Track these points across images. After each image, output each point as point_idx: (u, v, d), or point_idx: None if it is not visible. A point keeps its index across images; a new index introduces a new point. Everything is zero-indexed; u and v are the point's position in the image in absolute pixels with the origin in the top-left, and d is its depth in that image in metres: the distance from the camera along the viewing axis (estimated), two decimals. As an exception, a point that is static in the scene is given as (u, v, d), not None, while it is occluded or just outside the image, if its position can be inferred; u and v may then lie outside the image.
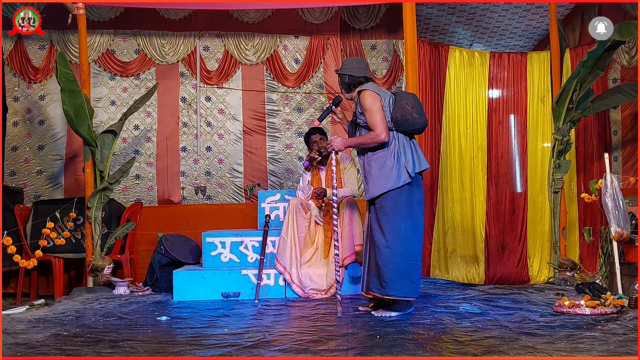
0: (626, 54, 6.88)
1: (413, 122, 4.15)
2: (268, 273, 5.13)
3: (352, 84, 4.28)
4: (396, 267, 4.09)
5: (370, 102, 4.14)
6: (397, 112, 4.16)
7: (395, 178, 4.11)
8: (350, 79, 4.28)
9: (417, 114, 4.17)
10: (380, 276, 4.12)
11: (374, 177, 4.18)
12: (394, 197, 4.12)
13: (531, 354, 2.99)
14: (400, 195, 4.12)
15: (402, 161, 4.13)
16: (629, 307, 4.03)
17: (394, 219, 4.12)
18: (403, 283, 4.10)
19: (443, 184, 6.51)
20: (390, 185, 4.11)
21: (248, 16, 6.98)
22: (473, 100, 6.62)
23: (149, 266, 5.73)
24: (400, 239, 4.12)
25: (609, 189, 4.51)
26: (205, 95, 7.00)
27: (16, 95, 6.83)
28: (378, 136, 4.11)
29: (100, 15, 6.82)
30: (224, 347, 3.27)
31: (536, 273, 6.30)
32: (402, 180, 4.10)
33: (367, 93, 4.18)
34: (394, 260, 4.09)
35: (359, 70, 4.28)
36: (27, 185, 6.71)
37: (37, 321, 4.13)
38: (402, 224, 4.12)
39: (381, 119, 4.10)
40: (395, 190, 4.11)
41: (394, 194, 4.12)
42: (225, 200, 6.90)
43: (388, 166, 4.13)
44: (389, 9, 7.05)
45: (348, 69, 4.30)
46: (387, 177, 4.12)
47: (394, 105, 4.20)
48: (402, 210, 4.13)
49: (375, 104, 4.14)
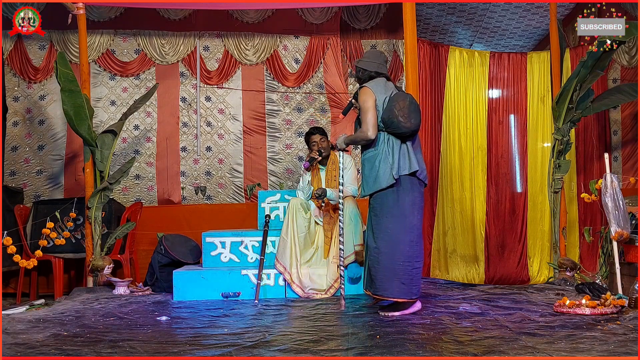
0: (626, 54, 6.88)
1: (399, 125, 4.12)
2: (268, 273, 5.13)
3: (363, 78, 4.32)
4: (383, 267, 4.12)
5: (362, 99, 4.19)
6: (386, 113, 4.18)
7: (381, 179, 4.16)
8: (362, 73, 4.32)
9: (404, 117, 4.10)
10: (370, 276, 4.20)
11: (366, 176, 4.25)
12: (381, 197, 4.18)
13: (531, 354, 2.99)
14: (387, 196, 4.16)
15: (389, 162, 4.15)
16: (629, 307, 4.03)
17: (381, 219, 4.17)
18: (391, 284, 4.11)
19: (443, 184, 6.51)
20: (378, 186, 4.17)
21: (248, 16, 6.98)
22: (473, 100, 6.62)
23: (149, 266, 5.73)
24: (386, 239, 4.13)
25: (609, 189, 4.51)
26: (205, 95, 7.00)
27: (16, 95, 6.83)
28: (364, 133, 4.17)
29: (100, 15, 6.82)
30: (224, 347, 3.27)
31: (536, 273, 6.30)
32: (385, 182, 4.14)
33: (363, 90, 4.23)
34: (380, 260, 4.14)
35: (373, 64, 4.31)
36: (27, 185, 6.71)
37: (37, 321, 4.13)
38: (390, 225, 4.14)
39: (371, 117, 4.14)
40: (382, 192, 4.17)
41: (381, 194, 4.18)
42: (225, 200, 6.90)
43: (376, 167, 4.19)
44: (389, 9, 7.05)
45: (364, 61, 4.35)
46: (375, 178, 4.18)
47: (386, 106, 4.19)
48: (390, 211, 4.15)
49: (368, 101, 4.17)
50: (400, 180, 4.15)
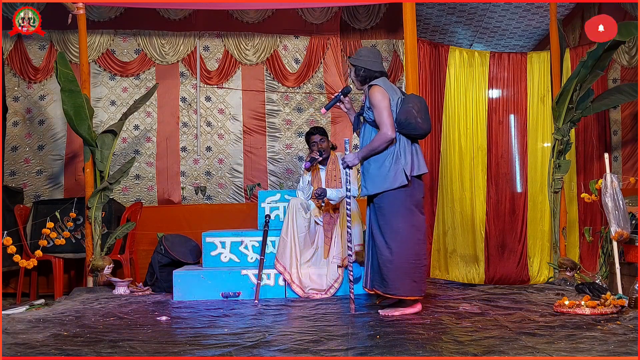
0: (626, 54, 6.88)
1: (417, 126, 4.15)
2: (268, 273, 5.13)
3: (368, 77, 4.27)
4: (395, 266, 4.12)
5: (379, 99, 4.13)
6: (403, 114, 4.15)
7: (392, 179, 4.13)
8: (366, 72, 4.27)
9: (422, 119, 4.17)
10: (381, 275, 4.17)
11: (373, 175, 4.21)
12: (390, 197, 4.15)
13: (531, 354, 2.99)
14: (397, 196, 4.15)
15: (402, 163, 4.14)
16: (629, 307, 4.03)
17: (392, 219, 4.15)
18: (404, 282, 4.12)
19: (443, 184, 6.51)
20: (387, 186, 4.14)
21: (248, 16, 6.99)
22: (473, 100, 6.61)
23: (149, 266, 5.73)
24: (398, 239, 4.14)
25: (609, 189, 4.51)
26: (205, 95, 7.00)
27: (16, 95, 6.83)
28: (385, 134, 4.11)
29: (100, 15, 6.82)
30: (224, 347, 3.27)
31: (536, 273, 6.29)
32: (398, 182, 4.12)
33: (377, 89, 4.17)
34: (393, 259, 4.12)
35: (376, 64, 4.28)
36: (27, 185, 6.71)
37: (37, 321, 4.13)
38: (400, 224, 4.15)
39: (388, 116, 4.10)
40: (392, 191, 4.14)
41: (390, 194, 4.15)
42: (225, 200, 6.90)
43: (386, 166, 4.15)
44: (389, 9, 7.05)
45: (364, 61, 4.28)
46: (385, 177, 4.15)
47: (400, 107, 4.20)
48: (399, 211, 4.15)
49: (384, 101, 4.14)
50: (412, 181, 4.19)
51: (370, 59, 4.29)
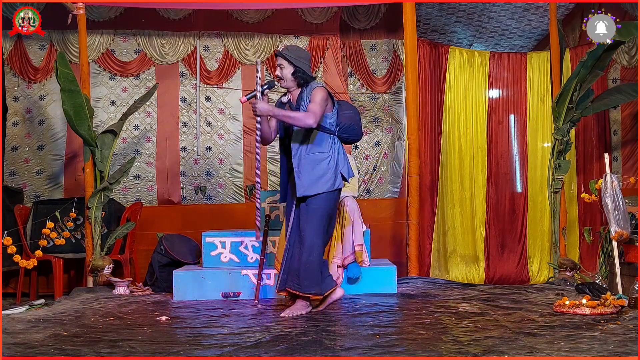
0: (626, 54, 6.88)
1: (356, 132, 4.54)
2: (268, 273, 5.13)
3: (304, 81, 4.31)
4: (316, 266, 4.21)
5: (324, 98, 4.21)
6: (347, 119, 4.43)
7: (332, 181, 4.24)
8: (306, 76, 4.31)
9: (358, 126, 4.55)
10: (298, 275, 4.21)
11: (309, 176, 4.23)
12: (324, 199, 4.23)
13: (531, 354, 2.99)
14: (330, 198, 4.26)
15: (340, 166, 4.29)
16: (628, 307, 4.03)
17: (320, 220, 4.24)
18: (317, 281, 4.24)
19: (443, 183, 6.52)
20: (327, 188, 4.22)
21: (248, 16, 6.98)
22: (473, 100, 6.62)
23: (149, 266, 5.73)
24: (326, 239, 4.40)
25: (609, 189, 4.51)
26: (205, 95, 7.00)
27: (16, 95, 6.83)
28: (308, 119, 4.11)
29: (100, 15, 6.82)
30: (224, 347, 3.27)
31: (536, 273, 6.31)
32: (337, 184, 4.26)
33: (324, 90, 4.26)
34: (314, 260, 4.20)
35: (309, 68, 4.34)
36: (27, 185, 6.71)
37: (37, 321, 4.13)
38: (332, 224, 4.44)
39: (320, 113, 4.17)
40: (328, 193, 4.24)
41: (324, 196, 4.23)
42: (225, 200, 6.90)
43: (323, 168, 4.23)
44: (389, 9, 7.04)
45: (305, 64, 4.31)
46: (325, 179, 4.22)
47: (341, 112, 4.42)
48: (328, 213, 4.28)
49: (326, 102, 4.24)
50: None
51: (307, 64, 4.34)
